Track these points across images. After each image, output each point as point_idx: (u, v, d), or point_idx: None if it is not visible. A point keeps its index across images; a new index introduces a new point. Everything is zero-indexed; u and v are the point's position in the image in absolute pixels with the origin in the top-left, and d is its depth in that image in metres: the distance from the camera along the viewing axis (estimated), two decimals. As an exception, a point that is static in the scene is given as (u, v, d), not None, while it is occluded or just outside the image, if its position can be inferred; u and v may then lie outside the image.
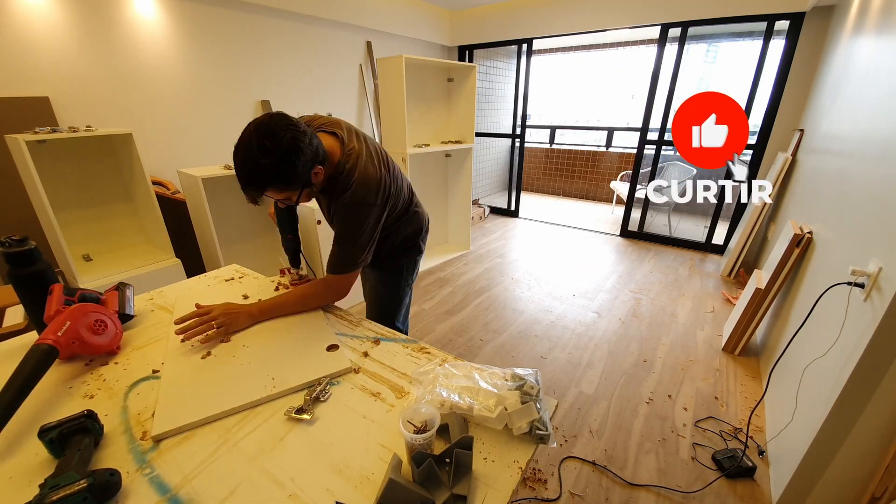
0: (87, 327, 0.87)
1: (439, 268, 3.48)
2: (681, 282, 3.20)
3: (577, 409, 1.84)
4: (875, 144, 1.47)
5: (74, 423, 0.64)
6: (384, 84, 3.02)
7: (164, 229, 2.06)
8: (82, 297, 0.98)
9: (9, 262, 0.88)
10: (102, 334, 0.90)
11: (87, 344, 0.86)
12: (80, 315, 0.87)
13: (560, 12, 3.96)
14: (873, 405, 1.10)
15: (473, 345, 2.33)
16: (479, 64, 5.01)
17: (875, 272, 1.11)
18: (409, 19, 4.11)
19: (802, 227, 1.97)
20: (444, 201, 3.88)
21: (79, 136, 1.70)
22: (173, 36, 2.58)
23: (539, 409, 0.69)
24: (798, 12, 2.96)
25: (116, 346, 0.93)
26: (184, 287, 1.27)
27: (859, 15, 2.16)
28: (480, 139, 5.36)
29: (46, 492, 0.52)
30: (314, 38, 3.40)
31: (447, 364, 0.80)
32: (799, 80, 3.10)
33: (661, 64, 3.55)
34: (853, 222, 1.46)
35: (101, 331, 0.90)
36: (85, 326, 0.87)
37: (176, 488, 0.60)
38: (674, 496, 1.42)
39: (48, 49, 2.12)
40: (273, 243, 2.71)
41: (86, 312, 0.89)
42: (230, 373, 0.85)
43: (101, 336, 0.89)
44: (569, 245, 4.07)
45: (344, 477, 0.62)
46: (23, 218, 1.99)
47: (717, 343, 2.35)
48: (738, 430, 1.69)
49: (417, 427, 0.64)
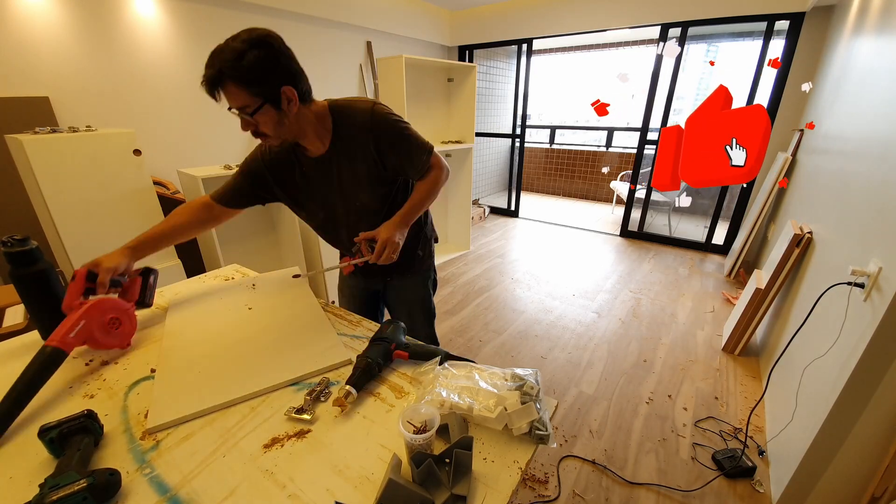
0: (101, 326, 0.85)
1: (439, 268, 3.48)
2: (681, 282, 3.20)
3: (577, 409, 1.84)
4: (875, 144, 1.47)
5: (74, 422, 0.64)
6: (384, 84, 3.02)
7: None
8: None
9: (10, 262, 0.88)
10: (115, 333, 0.88)
11: (99, 342, 0.85)
12: (97, 313, 0.85)
13: (560, 12, 3.96)
14: (873, 405, 1.10)
15: (473, 345, 2.33)
16: (479, 64, 5.01)
17: (875, 272, 1.11)
18: (409, 19, 4.11)
19: (802, 227, 1.97)
20: (444, 201, 3.88)
21: (79, 136, 1.70)
22: (173, 36, 2.58)
23: (539, 409, 0.69)
24: (798, 12, 2.96)
25: (127, 343, 0.91)
26: (184, 287, 1.27)
27: (859, 15, 2.16)
28: (480, 139, 5.36)
29: (46, 492, 0.52)
30: (314, 37, 3.40)
31: (447, 364, 0.80)
32: (799, 80, 3.10)
33: (661, 64, 3.55)
34: (853, 222, 1.46)
35: (115, 329, 0.88)
36: (99, 326, 0.84)
37: (176, 488, 0.60)
38: (674, 495, 1.42)
39: (48, 49, 2.12)
40: (273, 243, 2.71)
41: (103, 310, 0.86)
42: (227, 365, 0.85)
43: (113, 335, 0.88)
44: (569, 245, 4.07)
45: (344, 477, 0.62)
46: (23, 218, 1.99)
47: (717, 343, 2.35)
48: (738, 430, 1.69)
49: (417, 427, 0.64)
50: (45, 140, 1.61)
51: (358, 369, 0.80)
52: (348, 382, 0.77)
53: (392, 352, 0.87)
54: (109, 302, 0.89)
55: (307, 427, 0.71)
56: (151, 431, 0.69)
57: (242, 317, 1.04)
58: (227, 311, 1.07)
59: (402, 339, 0.92)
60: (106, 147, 1.77)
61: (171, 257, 2.10)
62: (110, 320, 0.87)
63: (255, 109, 0.86)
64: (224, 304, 1.11)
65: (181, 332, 0.98)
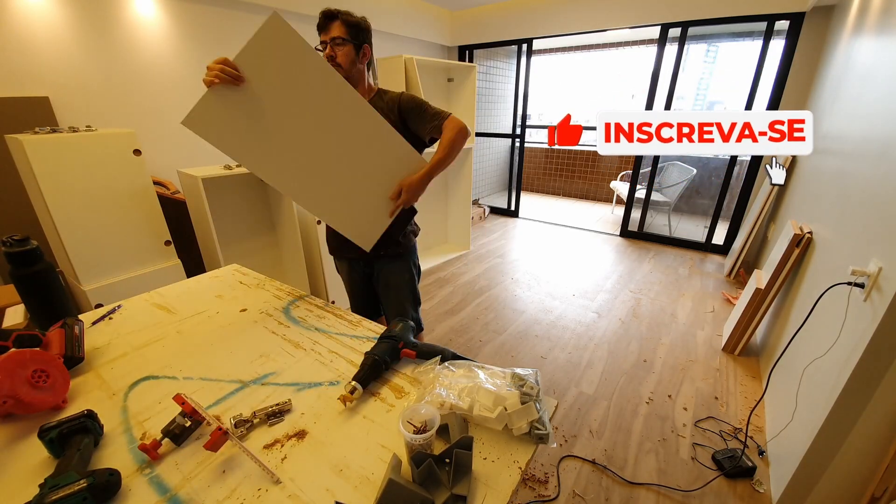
0: (25, 381, 0.71)
1: (439, 268, 3.48)
2: (681, 282, 3.20)
3: (577, 409, 1.84)
4: (875, 144, 1.47)
5: (74, 422, 0.64)
6: (384, 84, 3.01)
7: (166, 229, 2.06)
8: (18, 339, 0.82)
9: (11, 262, 0.88)
10: (44, 387, 0.73)
11: (25, 403, 0.70)
12: (15, 367, 0.71)
13: (560, 12, 3.96)
14: (873, 405, 1.10)
15: (473, 345, 2.33)
16: (479, 64, 5.01)
17: (875, 272, 1.11)
18: (409, 19, 4.11)
19: (802, 227, 1.97)
20: (444, 201, 3.88)
21: (79, 135, 1.70)
22: (173, 36, 2.58)
23: (539, 409, 0.69)
24: (798, 12, 2.96)
25: (62, 399, 0.76)
26: (184, 287, 1.27)
27: (859, 15, 2.16)
28: (480, 139, 5.36)
29: (46, 492, 0.52)
30: (314, 38, 3.39)
31: (447, 364, 0.80)
32: (799, 80, 3.10)
33: (661, 64, 3.55)
34: (853, 222, 1.46)
35: (43, 383, 0.73)
36: (22, 381, 0.70)
37: (176, 488, 0.60)
38: (674, 495, 1.42)
39: (48, 49, 2.12)
40: (273, 243, 2.71)
41: (22, 362, 0.72)
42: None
43: (42, 390, 0.72)
44: (569, 245, 4.07)
45: (344, 477, 0.62)
46: (23, 218, 1.99)
47: (717, 343, 2.35)
48: (738, 430, 1.69)
49: (417, 427, 0.64)
50: (45, 140, 1.61)
51: (365, 366, 0.80)
52: (354, 378, 0.77)
53: (400, 350, 0.87)
54: (28, 353, 0.75)
55: (307, 427, 0.71)
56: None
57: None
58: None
59: (411, 337, 0.92)
60: (106, 147, 1.77)
61: (171, 257, 2.10)
62: (34, 374, 0.72)
63: (343, 41, 1.19)
64: None
65: None
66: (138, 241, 1.93)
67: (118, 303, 1.16)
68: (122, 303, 1.16)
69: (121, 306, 1.14)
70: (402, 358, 0.89)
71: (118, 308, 1.13)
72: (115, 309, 1.13)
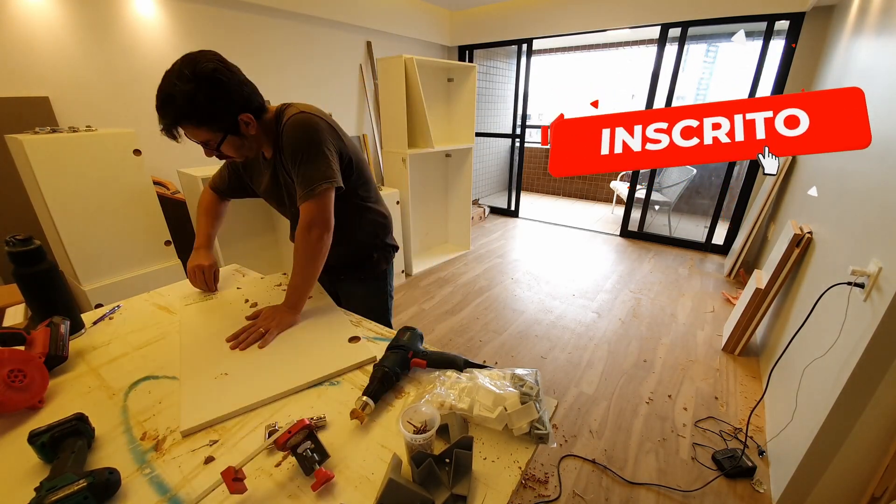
0: (1, 381, 0.70)
1: (439, 268, 3.48)
2: (681, 282, 3.20)
3: (577, 408, 1.84)
4: (875, 144, 1.46)
5: (66, 426, 0.63)
6: (384, 84, 3.02)
7: (166, 229, 2.06)
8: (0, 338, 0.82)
9: (14, 262, 0.88)
10: (19, 387, 0.72)
11: (1, 403, 0.70)
12: None
13: (560, 12, 3.96)
14: (873, 405, 1.10)
15: (473, 345, 2.33)
16: (479, 64, 5.01)
17: (875, 272, 1.11)
18: (409, 19, 4.11)
19: (802, 227, 1.97)
20: (444, 201, 3.88)
21: (79, 135, 1.70)
22: (173, 36, 2.58)
23: (539, 409, 0.69)
24: (798, 12, 2.96)
25: (39, 399, 0.75)
26: (184, 287, 1.27)
27: (859, 15, 2.16)
28: (480, 139, 5.35)
29: (44, 493, 0.52)
30: (314, 38, 3.40)
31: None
32: (799, 80, 3.10)
33: (661, 64, 3.55)
34: (853, 222, 1.46)
35: (19, 383, 0.72)
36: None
37: (176, 488, 0.60)
38: (674, 495, 1.42)
39: (48, 49, 2.12)
40: (273, 243, 2.71)
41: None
42: (253, 367, 0.86)
43: (19, 390, 0.72)
44: (569, 245, 4.07)
45: (344, 477, 0.62)
46: (23, 218, 1.99)
47: (717, 343, 2.35)
48: (738, 430, 1.69)
49: (417, 427, 0.64)
50: (45, 140, 1.61)
51: (375, 379, 0.77)
52: (365, 393, 0.73)
53: (409, 360, 0.83)
54: (5, 353, 0.74)
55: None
56: (186, 434, 0.69)
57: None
58: (234, 310, 1.08)
59: (420, 346, 0.87)
60: (106, 147, 1.77)
61: (171, 257, 2.10)
62: (10, 373, 0.72)
63: (218, 143, 0.90)
64: (230, 303, 1.13)
65: (195, 330, 0.99)
66: (138, 240, 1.93)
67: (118, 303, 1.16)
68: (122, 303, 1.16)
69: (121, 306, 1.14)
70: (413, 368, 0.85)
71: (118, 308, 1.13)
72: (115, 309, 1.13)
